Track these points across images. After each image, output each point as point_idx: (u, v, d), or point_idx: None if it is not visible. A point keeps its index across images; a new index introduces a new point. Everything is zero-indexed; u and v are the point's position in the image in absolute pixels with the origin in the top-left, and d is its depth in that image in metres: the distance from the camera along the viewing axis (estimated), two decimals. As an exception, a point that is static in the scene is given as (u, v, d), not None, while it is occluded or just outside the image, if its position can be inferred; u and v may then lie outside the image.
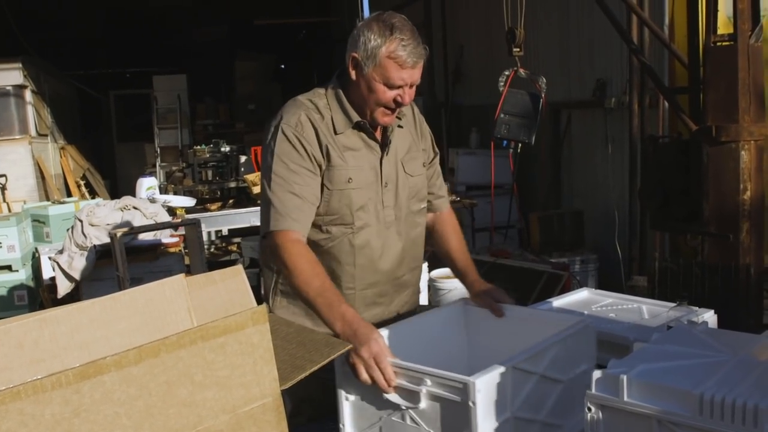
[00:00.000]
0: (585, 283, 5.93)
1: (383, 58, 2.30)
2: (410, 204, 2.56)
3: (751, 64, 3.67)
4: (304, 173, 2.34)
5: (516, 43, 5.33)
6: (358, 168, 2.42)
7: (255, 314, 1.36)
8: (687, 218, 4.02)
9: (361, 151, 2.45)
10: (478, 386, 1.71)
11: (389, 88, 2.34)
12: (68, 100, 14.96)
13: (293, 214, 2.32)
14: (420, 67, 2.36)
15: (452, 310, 2.45)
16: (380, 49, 2.29)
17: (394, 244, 2.52)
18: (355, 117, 2.42)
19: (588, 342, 2.08)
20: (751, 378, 1.50)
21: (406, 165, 2.54)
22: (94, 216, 5.32)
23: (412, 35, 2.32)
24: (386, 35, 2.29)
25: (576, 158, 7.53)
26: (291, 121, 2.38)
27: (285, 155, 2.35)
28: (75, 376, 1.17)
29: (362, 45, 2.32)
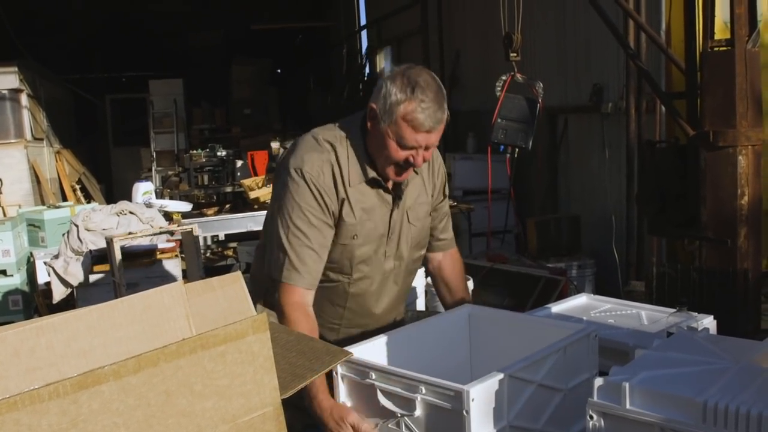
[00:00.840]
0: (582, 288, 5.92)
1: (399, 117, 2.22)
2: (411, 253, 2.54)
3: (748, 70, 3.67)
4: (323, 228, 2.30)
5: (513, 48, 5.33)
6: (366, 223, 2.38)
7: (255, 322, 1.34)
8: (684, 223, 4.01)
9: (373, 205, 2.39)
10: (472, 395, 1.70)
11: (402, 148, 2.26)
12: (64, 104, 14.92)
13: (308, 270, 2.28)
14: (439, 131, 2.27)
15: (456, 315, 2.44)
16: (398, 107, 2.22)
17: (390, 291, 2.51)
18: (371, 173, 2.36)
19: (589, 350, 2.06)
20: (754, 385, 1.49)
21: (411, 214, 2.49)
22: (90, 221, 5.30)
23: (434, 97, 2.23)
24: (407, 94, 2.21)
25: (573, 163, 7.52)
26: (313, 170, 2.31)
27: (306, 207, 2.28)
28: (73, 385, 1.16)
29: (382, 98, 2.25)
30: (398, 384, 1.86)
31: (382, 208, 2.40)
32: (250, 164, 9.79)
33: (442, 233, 2.70)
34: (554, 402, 1.96)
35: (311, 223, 2.28)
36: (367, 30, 15.90)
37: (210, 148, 11.95)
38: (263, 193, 6.30)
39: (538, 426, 1.91)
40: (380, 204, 2.40)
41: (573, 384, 1.99)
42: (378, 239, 2.41)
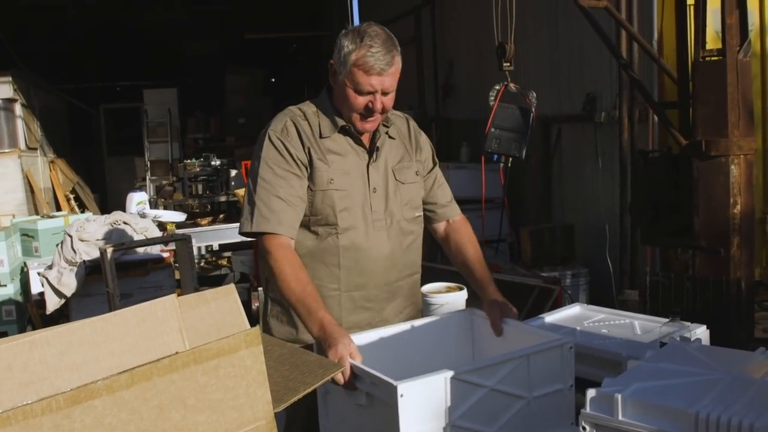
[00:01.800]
0: (576, 297, 5.93)
1: (352, 65, 2.37)
2: (403, 211, 2.59)
3: (739, 79, 3.69)
4: (290, 177, 2.41)
5: (506, 58, 5.35)
6: (341, 171, 2.47)
7: (248, 336, 1.35)
8: (677, 232, 4.02)
9: (348, 155, 2.50)
10: (400, 390, 1.75)
11: (359, 94, 2.40)
12: (58, 113, 14.91)
13: (279, 216, 2.37)
14: (391, 75, 2.40)
15: (459, 318, 2.46)
16: (350, 55, 2.37)
17: (384, 248, 2.54)
18: (340, 122, 2.49)
19: (563, 361, 2.04)
20: (746, 396, 1.50)
21: (398, 173, 2.58)
22: (83, 231, 5.30)
23: (383, 43, 2.38)
24: (357, 43, 2.36)
25: (566, 172, 7.54)
26: (277, 128, 2.46)
27: (271, 160, 2.41)
28: (66, 400, 1.16)
29: (337, 52, 2.41)
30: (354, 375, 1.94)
31: (356, 159, 2.50)
32: (244, 173, 9.78)
33: (442, 199, 2.76)
34: (514, 409, 1.96)
35: (276, 174, 2.39)
36: (361, 39, 15.92)
37: (204, 157, 11.95)
38: (257, 202, 6.30)
39: (492, 429, 1.92)
40: (354, 155, 2.51)
41: (539, 393, 1.99)
42: (360, 190, 2.49)
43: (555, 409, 1.84)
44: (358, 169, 2.50)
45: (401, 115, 2.75)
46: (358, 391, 1.91)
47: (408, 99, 12.18)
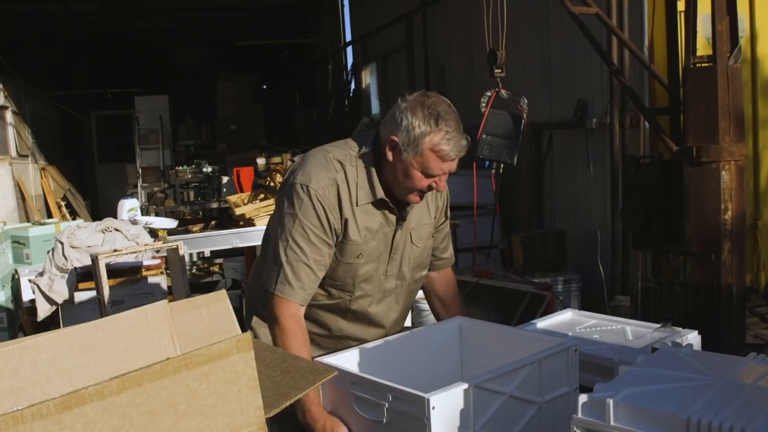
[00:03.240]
0: (568, 303, 5.93)
1: (426, 149, 2.25)
2: (413, 273, 2.55)
3: (730, 85, 3.70)
4: (321, 246, 2.31)
5: (497, 64, 5.36)
6: (370, 244, 2.39)
7: (239, 342, 1.34)
8: (669, 238, 4.03)
9: (378, 225, 2.41)
10: (433, 403, 1.74)
11: (426, 176, 2.30)
12: (49, 120, 14.86)
13: (302, 285, 2.29)
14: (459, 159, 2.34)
15: (448, 326, 2.46)
16: (424, 138, 2.25)
17: (392, 311, 2.53)
18: (380, 194, 2.37)
19: (569, 365, 2.07)
20: (737, 401, 1.50)
21: (414, 234, 2.51)
22: (75, 238, 5.28)
23: (456, 126, 2.29)
24: (431, 125, 2.25)
25: (558, 178, 7.56)
26: (319, 187, 2.31)
27: (307, 224, 2.29)
28: (56, 406, 1.15)
29: (404, 130, 2.26)
30: (369, 391, 1.90)
31: (385, 228, 2.42)
32: (236, 180, 9.78)
33: (443, 253, 2.73)
34: (528, 414, 1.97)
35: (310, 240, 2.29)
36: (352, 46, 15.97)
37: (196, 164, 11.92)
38: (249, 209, 6.29)
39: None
40: (384, 224, 2.42)
41: (550, 397, 2.00)
42: (379, 258, 2.43)
43: (563, 412, 1.84)
44: (385, 238, 2.43)
45: None
46: (377, 407, 1.86)
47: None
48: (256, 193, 6.87)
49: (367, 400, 1.91)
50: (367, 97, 15.25)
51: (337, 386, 2.00)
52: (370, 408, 1.90)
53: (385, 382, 1.87)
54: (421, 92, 2.36)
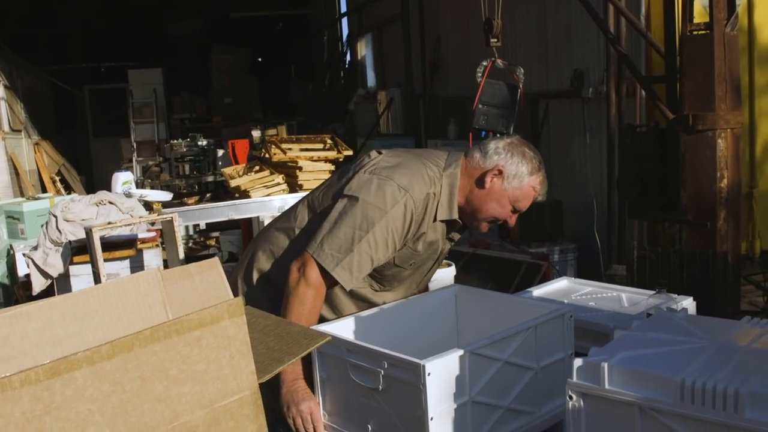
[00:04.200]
0: (564, 272, 5.94)
1: (529, 185, 2.43)
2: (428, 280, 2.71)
3: (727, 53, 3.68)
4: (391, 250, 2.35)
5: (493, 34, 5.31)
6: (423, 255, 2.49)
7: (231, 306, 1.33)
8: (665, 207, 4.03)
9: (436, 240, 2.50)
10: (428, 369, 1.74)
11: (513, 210, 2.46)
12: (42, 95, 14.77)
13: (359, 276, 2.32)
14: None
15: (443, 294, 2.46)
16: (530, 176, 2.42)
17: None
18: (455, 215, 2.45)
19: (564, 331, 2.07)
20: (732, 364, 1.50)
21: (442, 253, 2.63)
22: (68, 211, 5.25)
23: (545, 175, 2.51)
24: (537, 168, 2.44)
25: (554, 148, 7.54)
26: (416, 198, 2.35)
27: (393, 226, 2.31)
28: (45, 372, 1.14)
29: (514, 164, 2.41)
30: (365, 358, 1.90)
31: (438, 246, 2.53)
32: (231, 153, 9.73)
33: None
34: (524, 380, 1.97)
35: (387, 242, 2.31)
36: (347, 17, 15.84)
37: (191, 137, 11.88)
38: (244, 181, 6.26)
39: (504, 402, 1.92)
40: (438, 243, 2.52)
41: (545, 363, 2.01)
42: (421, 269, 2.56)
43: (559, 378, 1.84)
44: (435, 254, 2.56)
45: None
46: (373, 374, 1.87)
47: (395, 76, 12.15)
48: (252, 165, 6.84)
49: (362, 368, 1.91)
50: (362, 69, 15.17)
51: (332, 354, 2.00)
52: (366, 375, 1.90)
53: (381, 349, 1.87)
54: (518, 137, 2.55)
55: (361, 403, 1.94)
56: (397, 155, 2.49)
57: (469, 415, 1.85)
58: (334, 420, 2.07)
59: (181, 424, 1.30)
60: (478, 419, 1.87)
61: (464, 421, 1.84)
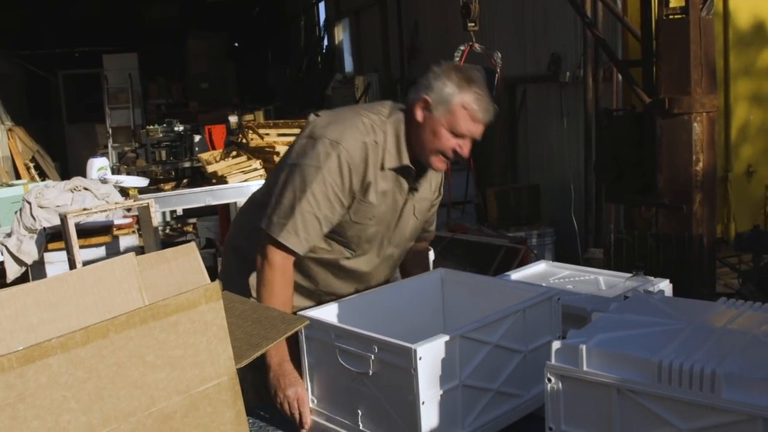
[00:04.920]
0: (542, 256, 5.97)
1: (457, 106, 2.27)
2: (407, 243, 2.60)
3: (702, 37, 3.69)
4: (337, 205, 2.31)
5: (471, 18, 5.31)
6: (384, 209, 2.41)
7: (208, 291, 1.32)
8: (641, 190, 4.05)
9: (392, 191, 2.42)
10: (420, 353, 1.73)
11: (453, 136, 2.31)
12: (15, 80, 14.58)
13: (308, 237, 2.30)
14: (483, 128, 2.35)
15: (429, 278, 2.45)
16: (456, 96, 2.27)
17: (381, 275, 2.56)
18: (405, 160, 2.38)
19: (552, 313, 2.07)
20: (708, 344, 1.51)
21: (417, 207, 2.53)
22: (43, 197, 5.20)
23: (486, 94, 2.32)
24: (464, 86, 2.28)
25: (532, 133, 7.56)
26: (349, 147, 2.30)
27: (331, 180, 2.28)
28: (18, 359, 1.12)
29: (437, 89, 2.29)
30: (354, 343, 1.89)
31: (396, 195, 2.44)
32: (207, 139, 9.68)
33: (430, 226, 2.77)
34: (513, 363, 1.97)
35: (328, 196, 2.29)
36: (324, 2, 15.75)
37: (167, 123, 11.79)
38: (221, 166, 6.22)
39: (494, 386, 1.92)
40: (397, 192, 2.43)
41: (533, 346, 2.01)
42: (386, 225, 2.46)
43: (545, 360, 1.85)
44: (394, 205, 2.45)
45: None
46: (362, 359, 1.86)
47: (373, 61, 12.11)
48: (229, 150, 6.80)
49: (352, 353, 1.90)
50: (340, 54, 15.10)
51: (320, 339, 1.99)
52: (356, 360, 1.89)
53: (371, 333, 1.85)
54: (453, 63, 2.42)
55: (351, 388, 1.93)
56: (333, 113, 2.49)
57: (460, 399, 1.84)
58: (322, 405, 2.06)
59: (158, 411, 1.29)
60: (468, 403, 1.87)
61: (454, 404, 1.84)
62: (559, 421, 1.61)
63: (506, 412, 1.98)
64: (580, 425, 1.59)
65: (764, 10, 5.95)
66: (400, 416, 1.80)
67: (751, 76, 6.00)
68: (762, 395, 1.35)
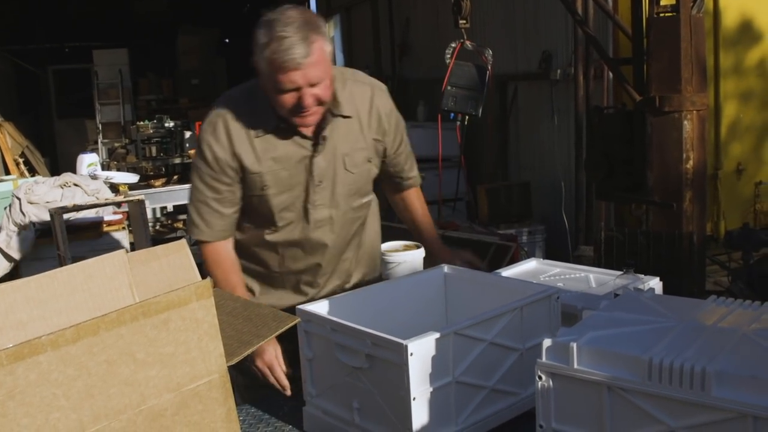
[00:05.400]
0: (532, 253, 5.98)
1: (267, 63, 2.10)
2: (349, 201, 2.44)
3: (693, 35, 3.71)
4: (216, 184, 2.33)
5: (462, 15, 5.32)
6: (277, 173, 2.30)
7: (199, 289, 1.31)
8: (631, 188, 4.06)
9: (287, 153, 2.30)
10: (411, 349, 1.73)
11: (282, 92, 2.13)
12: (4, 75, 14.49)
13: (208, 223, 2.37)
14: (313, 65, 2.09)
15: (433, 274, 2.44)
16: (264, 53, 2.09)
17: (325, 240, 2.43)
18: (272, 123, 2.27)
19: (551, 312, 2.07)
20: (698, 342, 1.51)
21: (348, 161, 2.37)
22: (32, 193, 5.18)
23: (297, 30, 2.07)
24: (269, 35, 2.08)
25: (522, 130, 7.57)
26: (208, 130, 2.32)
27: (202, 165, 2.34)
28: (8, 357, 1.12)
29: (255, 50, 2.13)
30: (350, 338, 1.90)
31: (297, 154, 2.31)
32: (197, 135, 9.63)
33: (408, 173, 2.68)
34: (509, 361, 1.97)
35: (204, 181, 2.34)
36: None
37: (157, 119, 11.75)
38: (212, 163, 6.21)
39: (489, 383, 1.92)
40: (295, 149, 2.31)
41: (530, 344, 2.00)
42: (300, 186, 2.34)
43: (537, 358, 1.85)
44: (299, 163, 2.31)
45: (367, 85, 2.45)
46: (357, 354, 1.87)
47: (364, 58, 12.09)
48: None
49: (347, 347, 1.91)
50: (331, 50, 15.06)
51: (318, 333, 2.00)
52: (351, 355, 1.90)
53: (365, 328, 1.86)
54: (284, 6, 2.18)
55: (347, 383, 1.93)
56: None
57: (453, 396, 1.85)
58: (320, 399, 2.06)
59: (148, 408, 1.29)
60: (462, 399, 1.87)
61: (447, 401, 1.84)
62: (550, 419, 1.62)
63: (501, 410, 1.98)
64: (571, 423, 1.59)
65: (754, 9, 5.98)
66: (393, 411, 1.81)
67: (740, 75, 6.03)
68: (751, 393, 1.35)
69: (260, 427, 2.09)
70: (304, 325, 2.02)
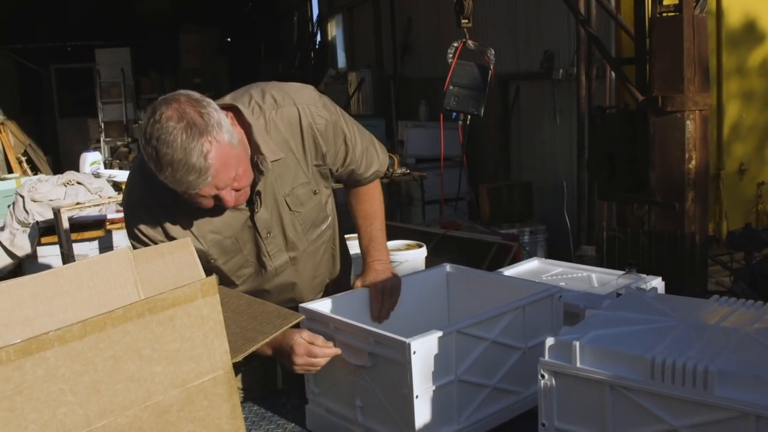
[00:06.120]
0: (534, 253, 5.98)
1: (167, 182, 1.84)
2: (306, 237, 2.28)
3: (696, 35, 3.71)
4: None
5: (464, 15, 5.31)
6: (220, 242, 2.13)
7: (204, 286, 1.32)
8: (634, 188, 4.07)
9: (224, 220, 2.11)
10: (413, 348, 1.74)
11: (196, 205, 1.94)
12: (7, 74, 14.51)
13: None
14: (219, 172, 1.83)
15: (435, 273, 2.45)
16: (158, 172, 1.82)
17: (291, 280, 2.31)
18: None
19: (553, 311, 2.07)
20: (701, 342, 1.52)
21: (291, 201, 2.17)
22: (36, 191, 5.19)
23: (183, 148, 1.77)
24: (154, 160, 1.80)
25: (524, 130, 7.57)
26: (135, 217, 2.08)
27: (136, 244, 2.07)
28: (16, 352, 1.13)
29: (146, 157, 1.84)
30: (353, 336, 1.90)
31: (237, 221, 2.13)
32: (200, 134, 9.61)
33: (366, 172, 2.34)
34: (511, 360, 1.97)
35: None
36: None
37: (160, 117, 11.72)
38: (214, 162, 6.22)
39: (492, 382, 1.93)
40: (233, 217, 2.11)
41: (533, 343, 2.01)
42: (248, 245, 2.19)
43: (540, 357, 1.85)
44: (239, 225, 2.13)
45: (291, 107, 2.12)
46: (359, 353, 1.88)
47: (366, 57, 12.10)
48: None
49: (350, 346, 1.92)
50: (333, 50, 15.08)
51: (322, 332, 2.00)
52: (354, 353, 1.91)
53: (367, 327, 1.87)
54: (154, 108, 1.83)
55: (350, 381, 1.94)
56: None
57: (455, 394, 1.85)
58: (322, 397, 2.07)
59: (154, 404, 1.30)
60: (464, 398, 1.88)
61: (450, 399, 1.84)
62: (552, 418, 1.62)
63: (503, 409, 1.99)
64: (573, 422, 1.60)
65: (757, 9, 5.98)
66: (396, 409, 1.82)
67: (743, 75, 6.03)
68: (754, 392, 1.36)
69: (263, 425, 2.10)
70: (308, 324, 2.02)
